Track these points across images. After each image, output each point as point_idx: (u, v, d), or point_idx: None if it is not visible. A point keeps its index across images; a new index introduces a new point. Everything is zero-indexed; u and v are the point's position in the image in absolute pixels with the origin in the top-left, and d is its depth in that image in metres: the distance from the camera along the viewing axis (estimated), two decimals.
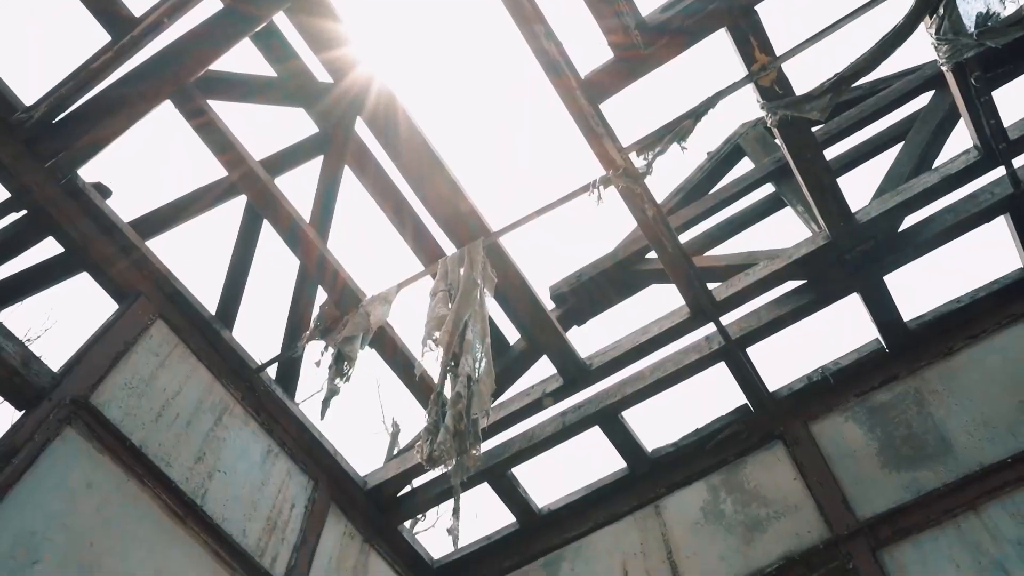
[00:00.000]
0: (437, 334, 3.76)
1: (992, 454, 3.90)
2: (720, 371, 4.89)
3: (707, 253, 5.43)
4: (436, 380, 3.75)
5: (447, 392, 3.62)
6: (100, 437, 3.56)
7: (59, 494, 3.27)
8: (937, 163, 4.58)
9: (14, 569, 2.94)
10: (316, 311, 4.54)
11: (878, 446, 4.34)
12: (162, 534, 3.68)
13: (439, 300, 3.93)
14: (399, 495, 5.49)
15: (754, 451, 4.84)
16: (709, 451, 5.01)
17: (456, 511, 3.60)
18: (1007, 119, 4.20)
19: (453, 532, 3.57)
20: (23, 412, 3.41)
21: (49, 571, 3.06)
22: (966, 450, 4.01)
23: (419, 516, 14.86)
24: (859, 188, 5.06)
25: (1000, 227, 4.55)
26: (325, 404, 4.00)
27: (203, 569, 3.82)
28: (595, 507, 5.26)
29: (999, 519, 3.66)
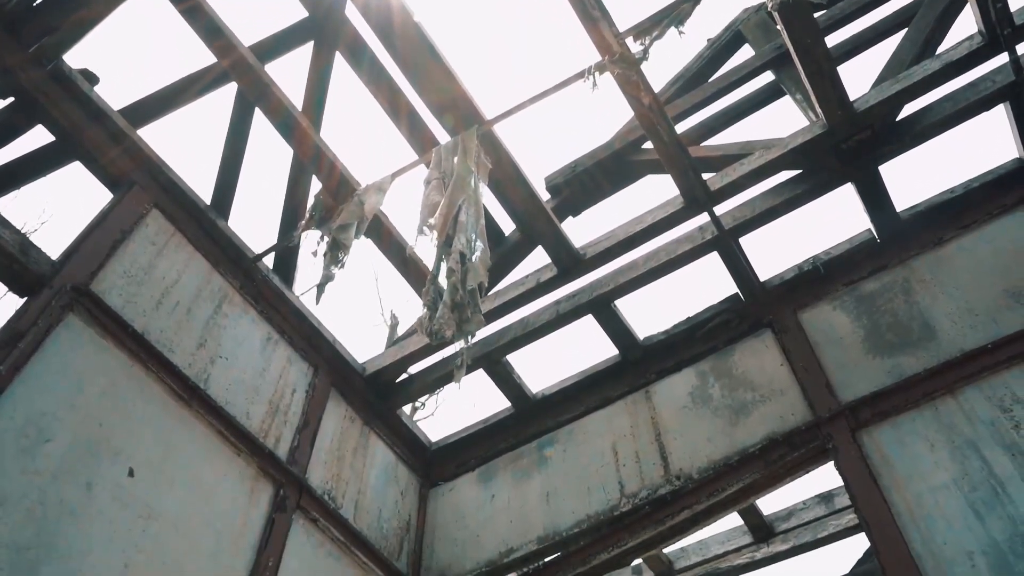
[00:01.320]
0: (432, 220, 3.78)
1: (973, 340, 4.00)
2: (713, 261, 4.95)
3: (704, 143, 5.39)
4: (432, 265, 3.80)
5: (443, 273, 3.68)
6: (102, 323, 3.64)
7: (66, 377, 3.37)
8: (940, 50, 4.49)
9: (27, 447, 3.07)
10: (311, 201, 4.54)
11: (864, 333, 4.44)
12: (168, 416, 3.82)
13: (433, 187, 3.94)
14: (397, 381, 5.65)
15: (743, 339, 4.96)
16: (699, 339, 5.13)
17: (461, 365, 3.72)
18: (1015, 3, 4.10)
19: (458, 375, 3.71)
20: (25, 299, 3.47)
21: (61, 449, 3.19)
22: (949, 337, 4.12)
23: (418, 405, 15.30)
24: (859, 77, 4.97)
25: (999, 117, 4.51)
26: (320, 289, 4.06)
27: (209, 449, 3.98)
28: (588, 392, 5.42)
29: (975, 401, 3.79)
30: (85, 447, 3.30)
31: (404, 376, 5.65)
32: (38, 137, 4.24)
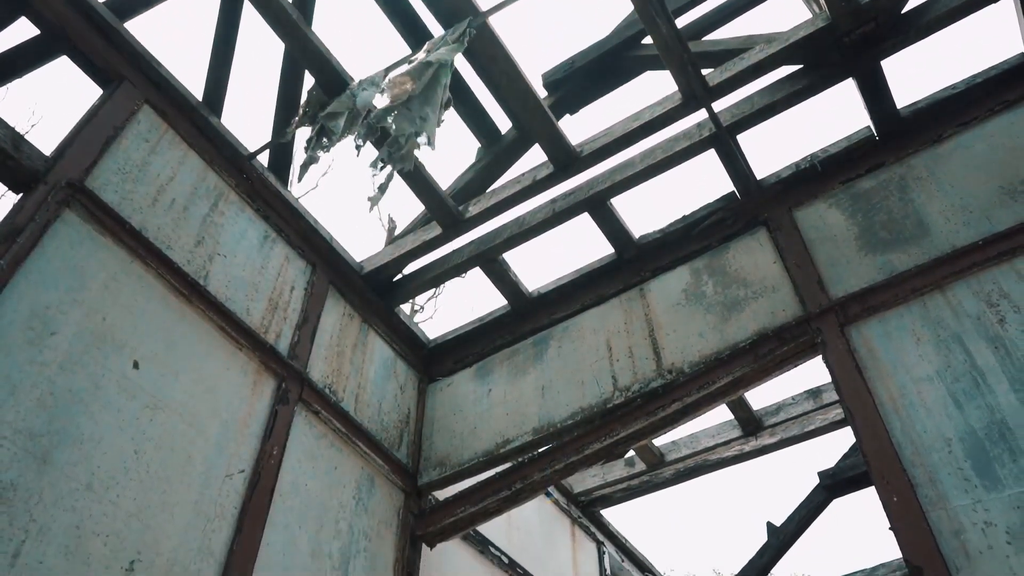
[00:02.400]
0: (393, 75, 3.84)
1: (965, 236, 4.03)
2: (710, 159, 4.92)
3: (703, 38, 5.28)
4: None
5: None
6: (99, 219, 3.66)
7: (67, 273, 3.41)
8: None
9: (33, 339, 3.14)
10: (304, 97, 4.48)
11: (857, 231, 4.47)
12: (169, 312, 3.88)
13: (414, 64, 3.94)
14: (395, 279, 5.71)
15: (738, 236, 4.99)
16: (694, 237, 5.16)
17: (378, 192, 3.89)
18: None
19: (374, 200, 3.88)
20: (21, 195, 3.48)
21: (66, 341, 3.26)
22: (941, 233, 4.15)
23: (417, 308, 15.47)
24: None
25: (1007, 10, 4.40)
26: (303, 170, 4.07)
27: (211, 344, 4.06)
28: (583, 290, 5.50)
29: (963, 297, 3.86)
30: (90, 340, 3.37)
31: (400, 276, 5.72)
32: (22, 31, 4.15)
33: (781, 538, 9.75)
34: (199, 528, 3.53)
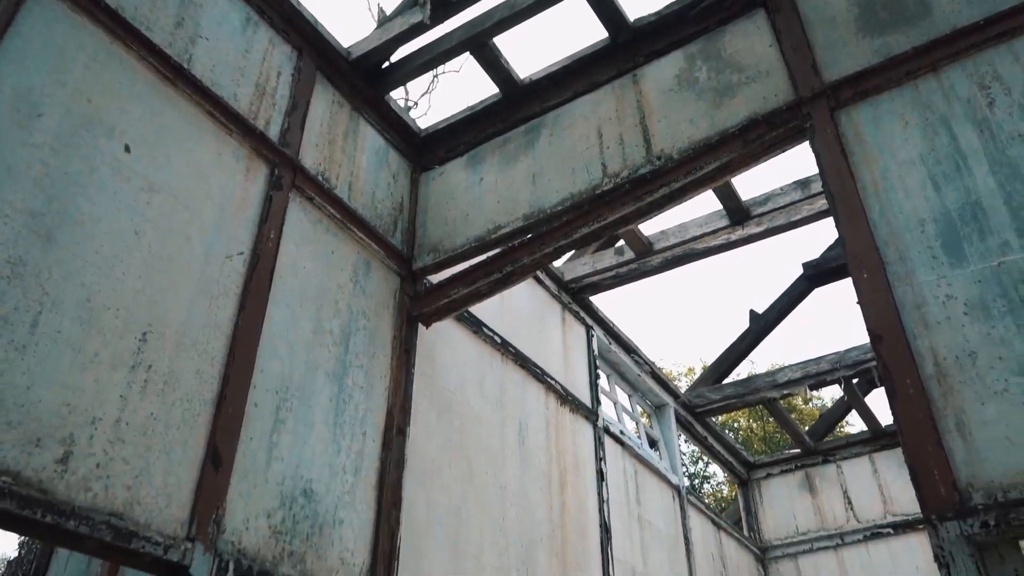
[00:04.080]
0: None
1: (968, 16, 3.92)
2: None
3: None
4: None
5: None
6: None
7: (46, 54, 3.35)
8: None
9: (21, 121, 3.15)
10: None
11: (858, 11, 4.33)
12: (156, 96, 3.85)
13: None
14: (384, 66, 5.59)
15: (735, 19, 4.84)
16: (691, 19, 4.99)
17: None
18: None
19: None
20: None
21: (54, 124, 3.27)
22: (943, 13, 4.02)
23: (411, 104, 15.17)
24: None
25: None
26: None
27: (201, 129, 4.06)
28: (575, 77, 5.40)
29: (956, 79, 3.82)
30: (78, 122, 3.38)
31: (389, 64, 5.59)
32: None
33: (762, 324, 10.25)
34: (204, 305, 3.72)
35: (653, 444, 9.20)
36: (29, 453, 2.76)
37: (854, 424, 23.49)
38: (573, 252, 8.30)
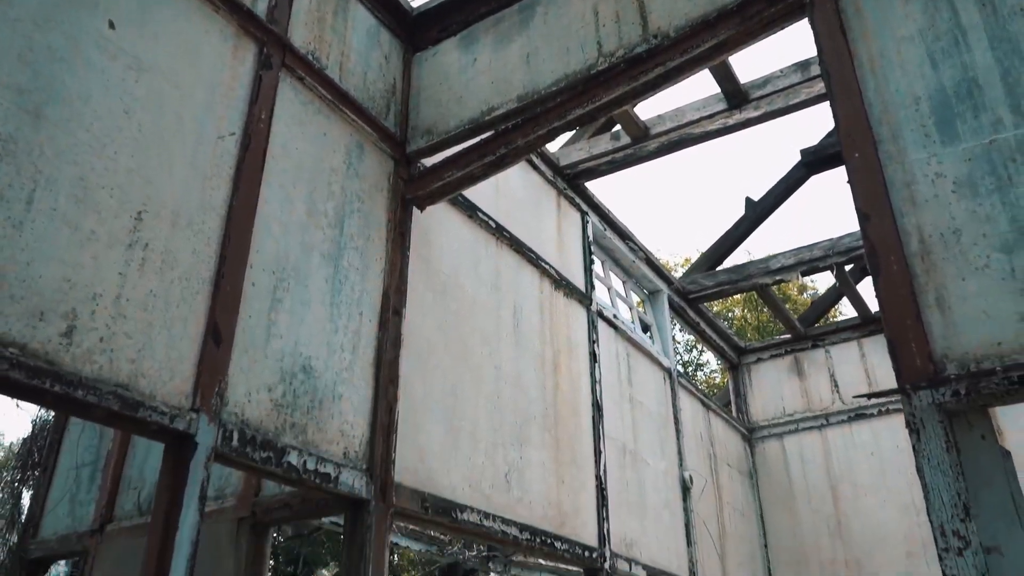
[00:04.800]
0: None
1: None
2: None
3: None
4: None
5: None
6: None
7: None
8: None
9: None
10: None
11: None
12: None
13: None
14: None
15: None
16: None
17: None
18: None
19: None
20: None
21: None
22: None
23: None
24: None
25: None
26: None
27: (188, 6, 3.95)
28: None
29: None
30: None
31: None
32: None
33: (758, 211, 10.27)
34: (198, 185, 3.73)
35: (646, 329, 9.39)
36: (33, 327, 2.84)
37: (845, 313, 23.86)
38: (569, 137, 8.23)
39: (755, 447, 11.19)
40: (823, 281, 27.67)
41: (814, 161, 9.23)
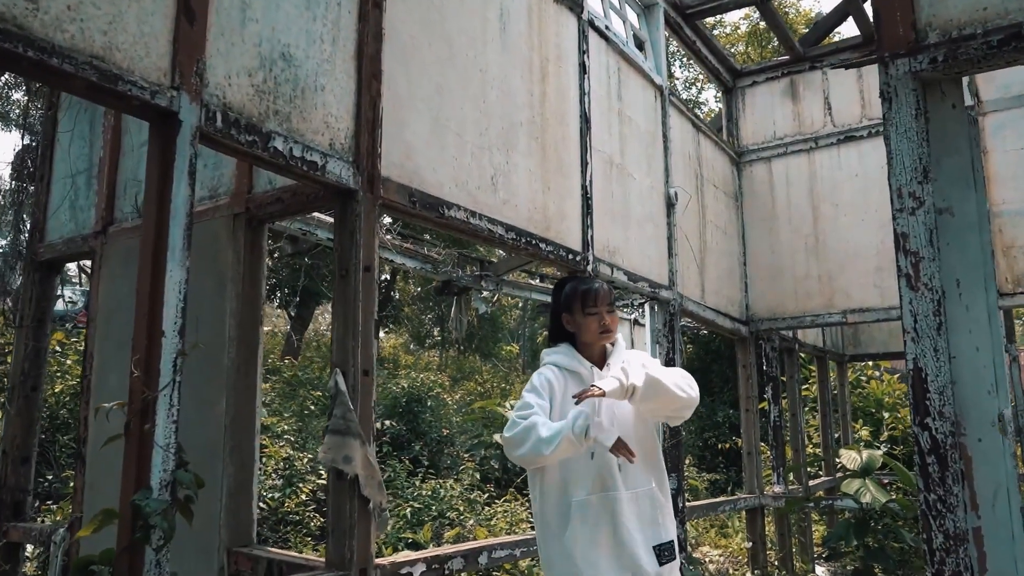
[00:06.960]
0: None
1: None
2: None
3: None
4: None
5: None
6: None
7: None
8: None
9: None
10: None
11: None
12: None
13: None
14: None
15: None
16: None
17: None
18: None
19: None
20: None
21: None
22: None
23: None
24: None
25: None
26: None
27: None
28: None
29: None
30: None
31: None
32: None
33: None
34: None
35: (640, 46, 9.11)
36: None
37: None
38: None
39: (743, 170, 11.34)
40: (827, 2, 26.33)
41: None
